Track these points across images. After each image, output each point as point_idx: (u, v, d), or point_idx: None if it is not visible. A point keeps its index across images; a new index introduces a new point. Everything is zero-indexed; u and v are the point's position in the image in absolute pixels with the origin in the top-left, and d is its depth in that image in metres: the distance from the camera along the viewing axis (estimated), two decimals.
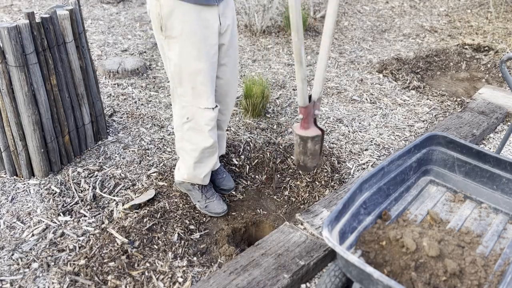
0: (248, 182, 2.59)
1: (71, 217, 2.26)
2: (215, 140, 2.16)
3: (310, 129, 1.80)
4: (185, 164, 2.27)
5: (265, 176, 2.64)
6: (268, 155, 2.74)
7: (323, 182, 2.54)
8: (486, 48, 4.45)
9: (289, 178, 2.61)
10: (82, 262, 2.00)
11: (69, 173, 2.54)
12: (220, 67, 2.14)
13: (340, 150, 2.85)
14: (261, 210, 2.41)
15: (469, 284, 1.57)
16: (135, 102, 3.31)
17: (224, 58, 2.13)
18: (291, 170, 2.65)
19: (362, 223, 1.85)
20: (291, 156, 2.74)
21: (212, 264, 2.05)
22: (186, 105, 2.08)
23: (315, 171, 2.61)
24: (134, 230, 2.16)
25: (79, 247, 2.10)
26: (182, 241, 2.14)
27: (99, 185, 2.47)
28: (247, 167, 2.69)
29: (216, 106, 2.11)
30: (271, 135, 2.95)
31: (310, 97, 1.76)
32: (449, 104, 3.45)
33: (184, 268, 2.01)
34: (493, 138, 3.10)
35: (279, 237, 2.07)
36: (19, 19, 4.70)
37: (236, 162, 2.71)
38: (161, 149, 2.81)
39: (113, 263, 2.00)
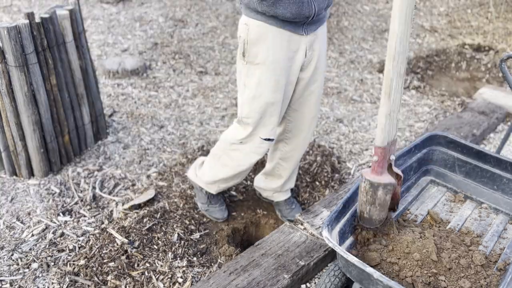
0: (248, 182, 2.58)
1: (70, 217, 2.26)
2: (251, 166, 2.09)
3: (383, 175, 1.59)
4: (209, 173, 2.19)
5: None
6: None
7: (323, 182, 2.54)
8: (486, 48, 4.45)
9: None
10: (82, 262, 2.00)
11: (69, 173, 2.54)
12: (290, 109, 2.06)
13: (340, 150, 2.84)
14: (261, 210, 2.40)
15: (469, 284, 1.57)
16: (135, 102, 3.31)
17: (299, 99, 2.03)
18: None
19: None
20: None
21: (212, 264, 2.05)
22: (248, 133, 1.98)
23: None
24: (134, 230, 2.16)
25: (79, 247, 2.09)
26: (182, 241, 2.14)
27: (99, 185, 2.47)
28: None
29: (273, 139, 2.02)
30: None
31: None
32: (449, 104, 3.45)
33: (184, 268, 2.01)
34: (493, 138, 3.09)
35: (279, 237, 2.07)
36: (19, 19, 4.70)
37: None
38: (161, 149, 2.81)
39: (113, 263, 2.00)
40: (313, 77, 1.99)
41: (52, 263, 2.01)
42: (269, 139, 1.98)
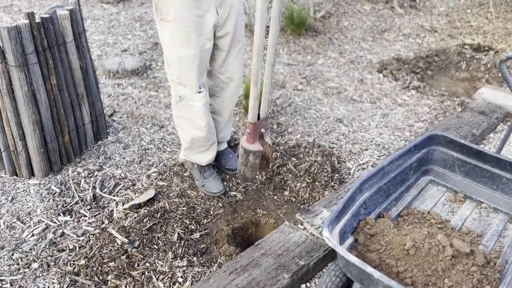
0: (248, 182, 2.58)
1: (71, 217, 2.26)
2: (208, 121, 2.25)
3: (254, 144, 2.00)
4: (183, 142, 2.38)
5: (264, 177, 2.63)
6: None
7: (323, 182, 2.54)
8: (486, 48, 4.45)
9: (288, 179, 2.60)
10: (82, 262, 2.00)
11: (69, 173, 2.54)
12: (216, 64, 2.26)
13: (340, 150, 2.84)
14: (261, 210, 2.41)
15: (469, 284, 1.57)
16: (135, 102, 3.31)
17: (227, 56, 2.23)
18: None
19: None
20: (292, 158, 2.74)
21: (212, 264, 2.05)
22: (177, 85, 2.18)
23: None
24: (134, 230, 2.16)
25: (79, 247, 2.10)
26: (182, 241, 2.14)
27: (99, 185, 2.47)
28: None
29: (201, 91, 2.18)
30: (271, 135, 2.95)
31: (258, 115, 1.95)
32: (449, 104, 3.45)
33: (184, 268, 2.01)
34: (493, 138, 3.10)
35: (279, 237, 2.07)
36: (19, 19, 4.70)
37: None
38: (161, 149, 2.81)
39: (113, 263, 2.00)
40: (235, 34, 2.19)
41: (53, 263, 2.01)
42: (198, 92, 2.15)
